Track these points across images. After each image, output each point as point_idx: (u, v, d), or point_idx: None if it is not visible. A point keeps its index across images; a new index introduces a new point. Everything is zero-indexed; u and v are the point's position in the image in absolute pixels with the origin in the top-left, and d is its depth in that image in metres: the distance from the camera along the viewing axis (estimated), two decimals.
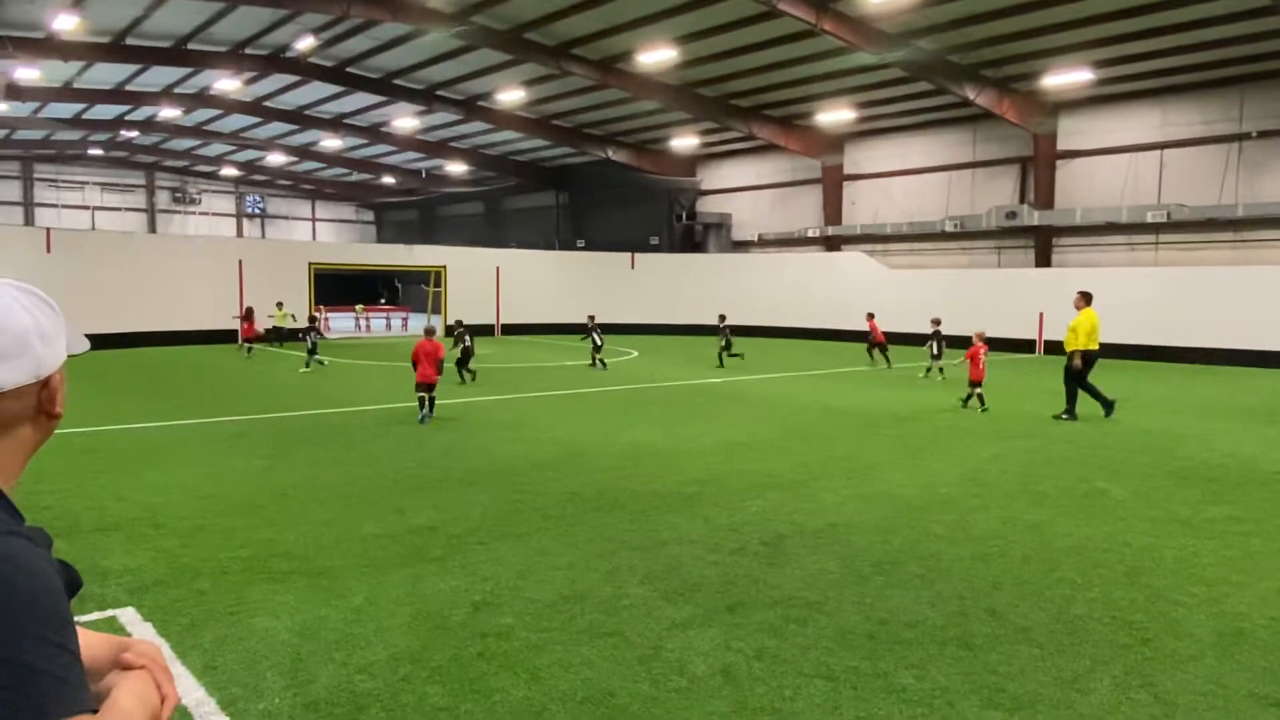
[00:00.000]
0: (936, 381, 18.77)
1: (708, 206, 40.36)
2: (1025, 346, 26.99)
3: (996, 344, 27.50)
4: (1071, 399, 13.08)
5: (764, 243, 37.85)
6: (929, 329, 19.55)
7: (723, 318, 22.98)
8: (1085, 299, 13.41)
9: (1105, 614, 5.25)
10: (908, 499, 8.09)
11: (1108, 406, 13.14)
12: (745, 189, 38.81)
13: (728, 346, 22.31)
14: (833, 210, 34.70)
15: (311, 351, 20.51)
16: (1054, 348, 27.08)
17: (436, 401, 13.15)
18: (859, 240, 34.54)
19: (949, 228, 30.16)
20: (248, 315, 25.68)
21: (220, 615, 5.06)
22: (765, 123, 32.57)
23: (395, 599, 5.34)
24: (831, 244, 35.08)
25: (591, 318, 22.51)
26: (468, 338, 18.10)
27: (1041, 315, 27.36)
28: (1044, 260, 28.72)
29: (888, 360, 22.40)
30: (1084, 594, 5.58)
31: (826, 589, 5.62)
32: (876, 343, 22.76)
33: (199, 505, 7.56)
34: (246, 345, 24.79)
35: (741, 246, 39.08)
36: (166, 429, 11.65)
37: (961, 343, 14.86)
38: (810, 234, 34.99)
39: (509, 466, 9.35)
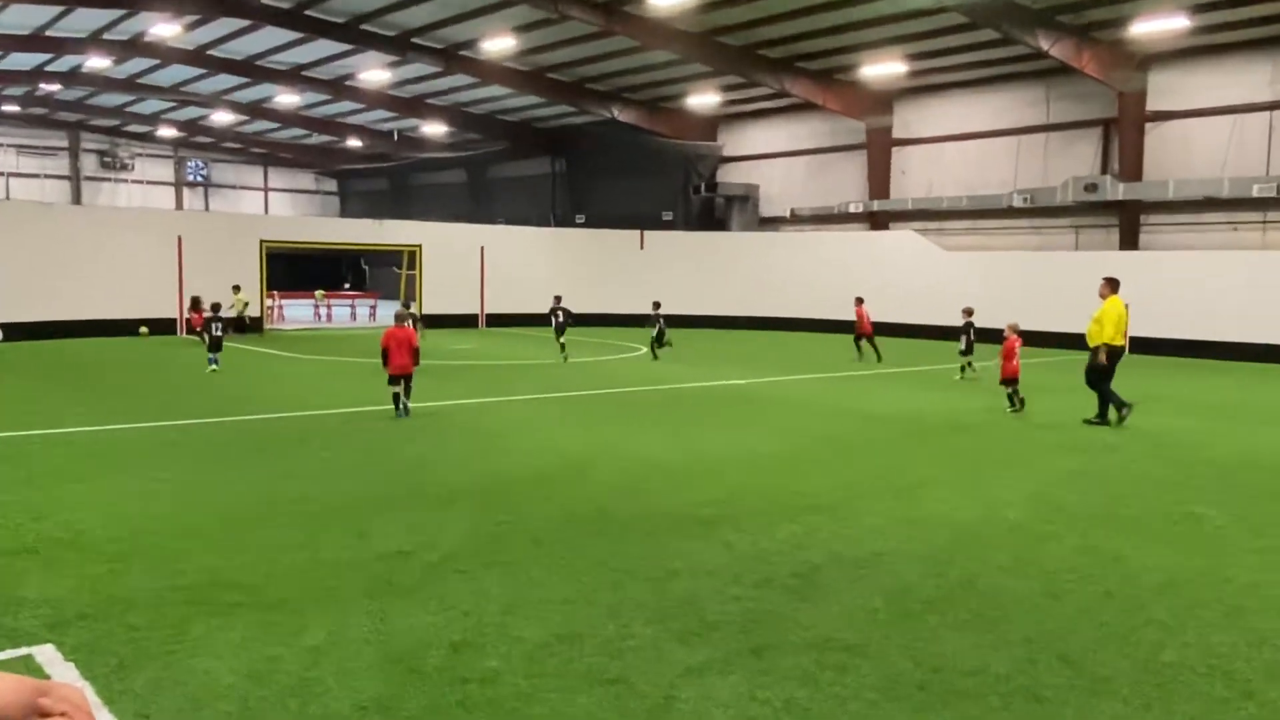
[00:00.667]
0: (970, 380, 19.18)
1: (731, 176, 40.33)
2: None
3: (1071, 340, 27.43)
4: (1104, 399, 13.28)
5: (797, 219, 37.78)
6: (963, 320, 19.94)
7: (657, 305, 24.04)
8: (1111, 286, 13.68)
9: (1201, 662, 5.22)
10: (965, 524, 8.06)
11: (1121, 412, 13.22)
12: (775, 155, 38.76)
13: (659, 337, 23.18)
14: (879, 181, 34.62)
15: (214, 348, 18.96)
16: (1140, 345, 27.00)
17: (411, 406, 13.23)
18: (910, 217, 34.44)
19: (1017, 203, 30.07)
20: (194, 305, 26.01)
21: (155, 655, 5.07)
22: (800, 77, 32.51)
23: (360, 637, 5.35)
24: (877, 221, 35.01)
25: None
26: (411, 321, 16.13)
27: (1127, 307, 27.21)
28: (1130, 241, 28.62)
29: (877, 353, 23.06)
30: (1176, 638, 5.56)
31: (869, 629, 5.61)
32: (863, 333, 23.53)
33: (130, 525, 7.59)
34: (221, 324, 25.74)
35: (770, 224, 39.02)
36: (92, 435, 11.70)
37: (993, 336, 14.81)
38: (852, 209, 34.95)
39: (494, 482, 9.36)
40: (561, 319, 22.98)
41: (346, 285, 51.37)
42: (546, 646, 5.26)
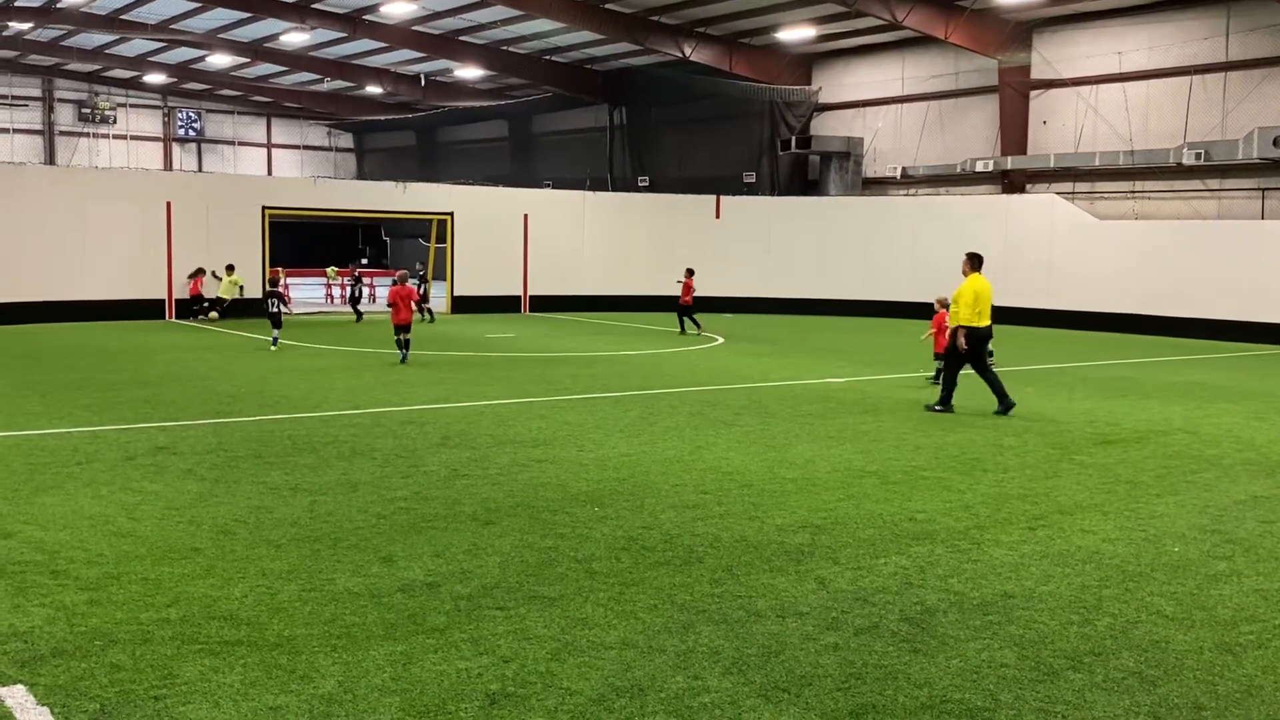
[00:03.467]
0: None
1: (828, 128, 40.03)
2: None
3: (1258, 331, 26.73)
4: (949, 385, 15.08)
5: (910, 180, 37.38)
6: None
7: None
8: (971, 263, 15.30)
9: None
10: (1119, 560, 7.93)
11: (1004, 404, 14.78)
12: (884, 102, 38.39)
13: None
14: (1014, 133, 34.09)
15: (276, 325, 22.73)
16: None
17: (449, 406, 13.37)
18: (1052, 177, 33.87)
19: (1188, 159, 29.40)
20: (197, 273, 28.20)
21: (140, 699, 5.19)
22: (916, 4, 32.14)
23: (379, 685, 5.43)
24: (1012, 182, 34.49)
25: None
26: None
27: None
28: None
29: (697, 325, 27.14)
30: None
31: (998, 689, 5.55)
32: (683, 305, 27.43)
33: (112, 545, 7.79)
34: (204, 306, 28.19)
35: (877, 185, 38.66)
36: (70, 438, 12.03)
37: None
38: (979, 168, 34.49)
39: (539, 499, 9.43)
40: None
41: (364, 261, 52.10)
42: (602, 701, 5.29)
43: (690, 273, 27.85)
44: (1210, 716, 5.26)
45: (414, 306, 21.29)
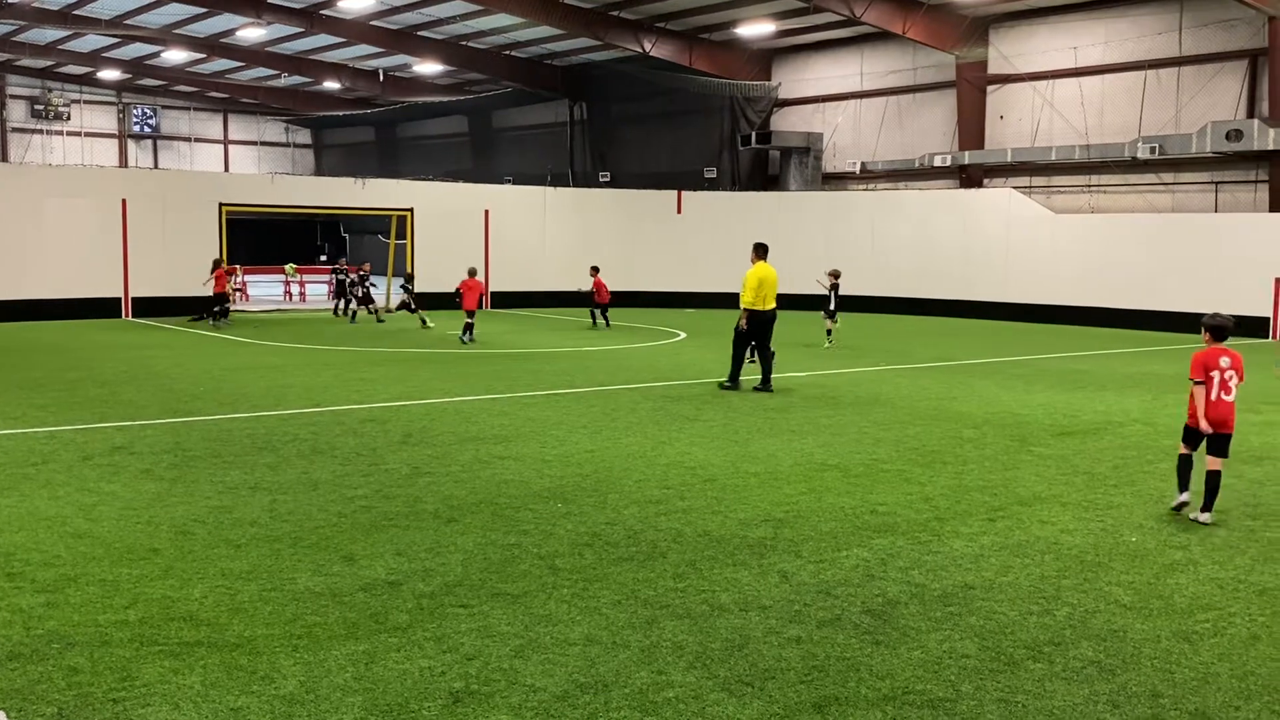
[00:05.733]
0: (828, 348, 22.72)
1: (787, 123, 40.16)
2: (1257, 327, 26.55)
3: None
4: (736, 363, 16.50)
5: (870, 175, 37.57)
6: (830, 281, 23.85)
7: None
8: (756, 252, 16.65)
9: None
10: (1078, 550, 8.02)
11: (731, 379, 16.35)
12: (843, 97, 38.56)
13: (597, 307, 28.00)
14: (972, 128, 34.35)
15: (365, 302, 28.79)
16: None
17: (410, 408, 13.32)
18: (1009, 172, 34.15)
19: (1142, 153, 29.72)
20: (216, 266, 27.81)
21: (99, 702, 5.15)
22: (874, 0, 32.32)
23: (341, 685, 5.41)
24: (970, 177, 34.75)
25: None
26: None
27: (1278, 282, 26.88)
28: None
29: (606, 321, 27.58)
30: None
31: (959, 680, 5.60)
32: (599, 302, 27.84)
33: (69, 547, 7.71)
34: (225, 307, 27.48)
35: (837, 180, 38.83)
36: (26, 439, 11.88)
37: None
38: (937, 162, 34.72)
39: (501, 496, 9.42)
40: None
41: (323, 258, 51.78)
42: (566, 697, 5.29)
43: (596, 270, 28.29)
44: (1168, 704, 5.33)
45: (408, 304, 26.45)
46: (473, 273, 25.06)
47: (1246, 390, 10.01)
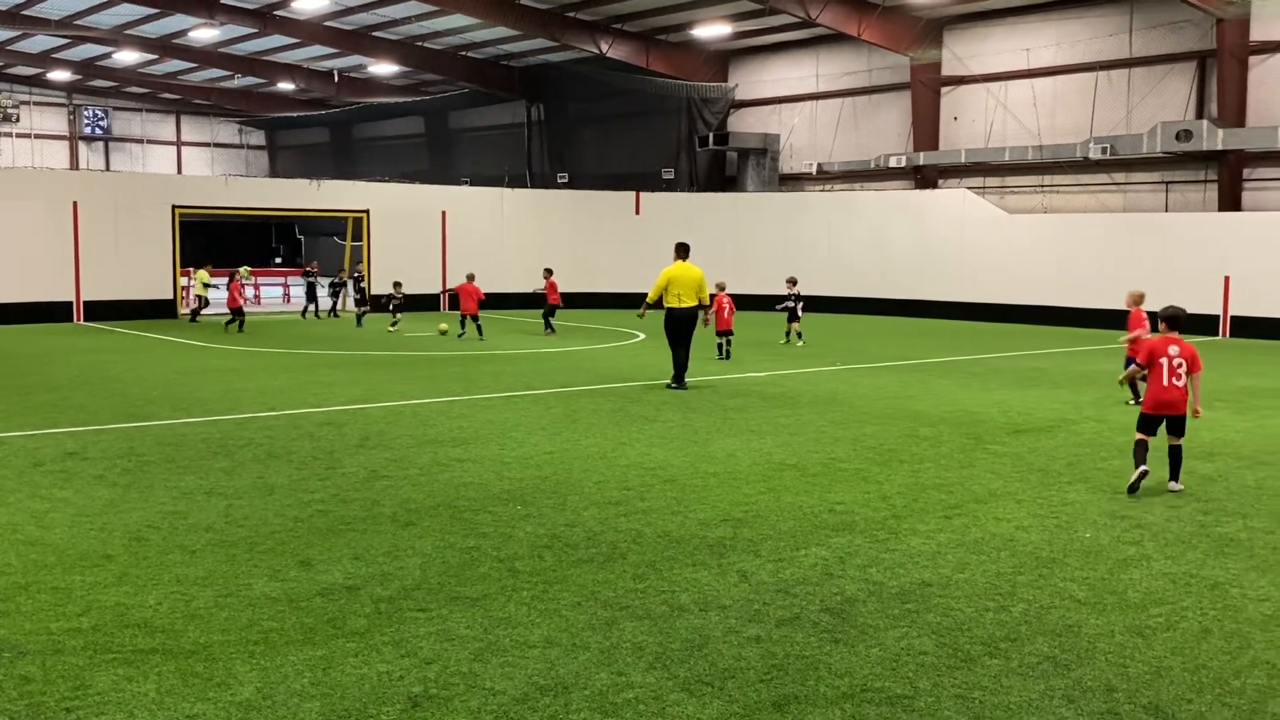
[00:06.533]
0: (795, 346, 23.36)
1: (745, 124, 40.30)
2: (1205, 325, 26.96)
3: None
4: (679, 364, 16.71)
5: (826, 175, 37.76)
6: (788, 290, 24.40)
7: (398, 285, 28.14)
8: (676, 251, 17.10)
9: None
10: (1033, 547, 8.09)
11: (678, 382, 16.53)
12: (799, 99, 38.74)
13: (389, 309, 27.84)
14: (926, 129, 34.62)
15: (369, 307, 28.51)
16: (1244, 325, 27.04)
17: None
18: (963, 172, 34.45)
19: (1094, 154, 30.08)
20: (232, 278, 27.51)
21: (51, 711, 5.08)
22: (829, 2, 32.47)
23: (299, 690, 5.36)
24: (925, 177, 35.02)
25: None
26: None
27: (1227, 281, 27.29)
28: (1230, 201, 28.65)
29: (550, 328, 26.83)
30: None
31: (917, 677, 5.63)
32: (549, 304, 27.43)
33: (20, 555, 7.60)
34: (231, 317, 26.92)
35: (793, 181, 39.00)
36: None
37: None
38: (893, 163, 34.96)
39: (460, 499, 9.38)
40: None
41: (278, 260, 51.34)
42: (526, 700, 5.27)
43: (549, 272, 27.96)
44: (1122, 698, 5.39)
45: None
46: (470, 277, 25.89)
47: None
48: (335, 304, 32.66)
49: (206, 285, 30.03)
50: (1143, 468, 9.73)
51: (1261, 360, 21.68)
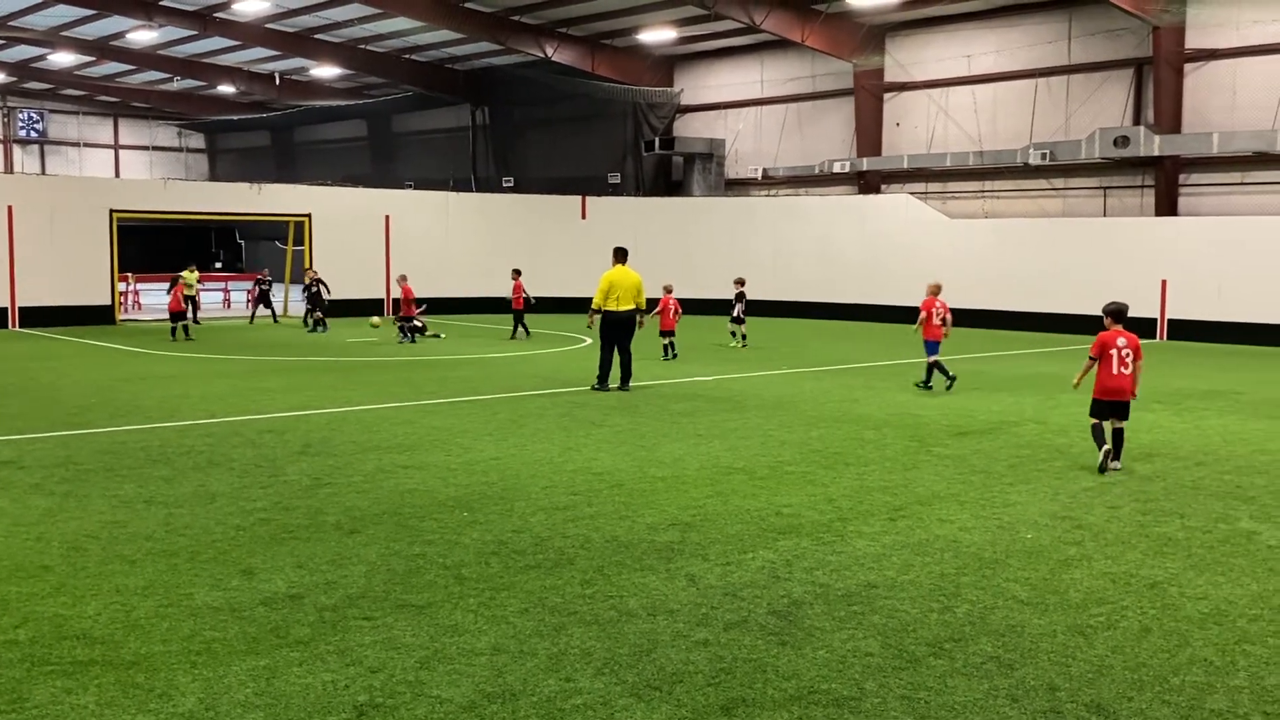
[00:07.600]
0: (735, 347, 23.90)
1: (691, 129, 40.42)
2: (1143, 328, 27.40)
3: (1098, 323, 27.86)
4: (604, 365, 16.96)
5: (771, 181, 37.98)
6: (736, 290, 24.84)
7: (517, 272, 28.06)
8: (614, 256, 17.66)
9: (1255, 708, 5.35)
10: (976, 548, 8.19)
11: (600, 381, 16.76)
12: (744, 104, 38.93)
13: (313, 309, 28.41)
14: (869, 135, 34.93)
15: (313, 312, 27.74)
16: (1180, 328, 27.54)
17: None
18: (906, 178, 34.80)
19: (1034, 159, 30.53)
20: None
21: None
22: (774, 8, 32.68)
23: (242, 701, 5.30)
24: (867, 183, 35.32)
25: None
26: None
27: (1165, 284, 27.78)
28: (1167, 206, 29.18)
29: (526, 331, 27.09)
30: (1225, 680, 5.70)
31: (863, 678, 5.68)
32: (514, 308, 27.52)
33: None
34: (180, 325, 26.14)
35: (739, 186, 39.17)
36: None
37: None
38: (837, 169, 35.23)
39: (405, 506, 9.32)
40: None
41: (218, 265, 50.72)
42: (473, 708, 5.25)
43: (517, 273, 27.83)
44: (1064, 696, 5.47)
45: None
46: (403, 278, 26.12)
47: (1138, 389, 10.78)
48: (308, 310, 31.72)
49: (190, 285, 29.14)
50: (1105, 446, 10.85)
51: (1198, 362, 22.12)
